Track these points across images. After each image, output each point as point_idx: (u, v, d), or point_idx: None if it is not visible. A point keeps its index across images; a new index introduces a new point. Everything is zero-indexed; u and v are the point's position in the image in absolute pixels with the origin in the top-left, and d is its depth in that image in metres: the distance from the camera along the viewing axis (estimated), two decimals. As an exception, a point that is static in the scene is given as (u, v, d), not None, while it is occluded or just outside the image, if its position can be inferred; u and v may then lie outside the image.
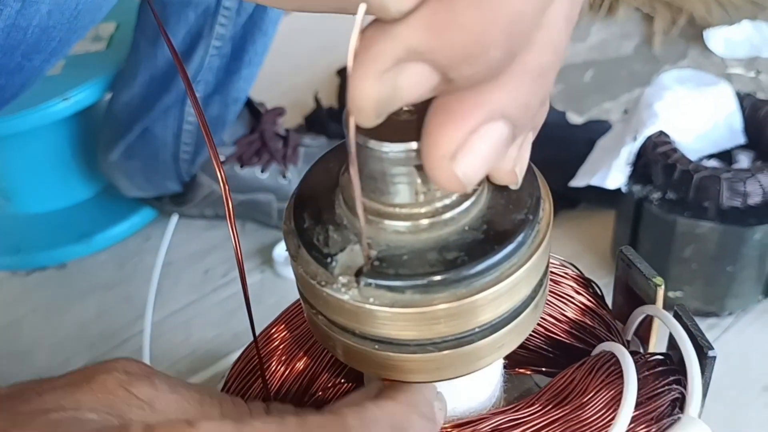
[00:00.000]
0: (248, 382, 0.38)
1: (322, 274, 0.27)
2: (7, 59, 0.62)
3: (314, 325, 0.30)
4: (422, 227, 0.27)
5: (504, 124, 0.22)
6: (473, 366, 0.28)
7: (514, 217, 0.27)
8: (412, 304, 0.26)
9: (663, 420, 0.34)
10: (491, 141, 0.23)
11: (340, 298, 0.26)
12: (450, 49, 0.20)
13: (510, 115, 0.22)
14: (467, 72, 0.20)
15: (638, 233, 0.82)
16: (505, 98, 0.22)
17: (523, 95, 0.22)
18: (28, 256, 1.01)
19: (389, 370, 0.28)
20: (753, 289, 0.82)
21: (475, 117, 0.22)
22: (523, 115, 0.23)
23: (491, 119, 0.22)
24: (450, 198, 0.27)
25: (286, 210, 0.29)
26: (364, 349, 0.28)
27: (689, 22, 1.37)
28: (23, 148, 0.98)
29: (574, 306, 0.39)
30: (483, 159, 0.23)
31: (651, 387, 0.35)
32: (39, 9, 0.60)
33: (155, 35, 0.87)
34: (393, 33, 0.20)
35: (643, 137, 0.80)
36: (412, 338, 0.27)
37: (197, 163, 0.97)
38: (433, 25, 0.19)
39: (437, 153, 0.22)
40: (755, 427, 0.75)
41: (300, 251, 0.28)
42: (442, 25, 0.19)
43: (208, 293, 0.96)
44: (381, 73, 0.20)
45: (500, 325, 0.28)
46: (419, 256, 0.26)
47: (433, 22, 0.19)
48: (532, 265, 0.27)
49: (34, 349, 0.90)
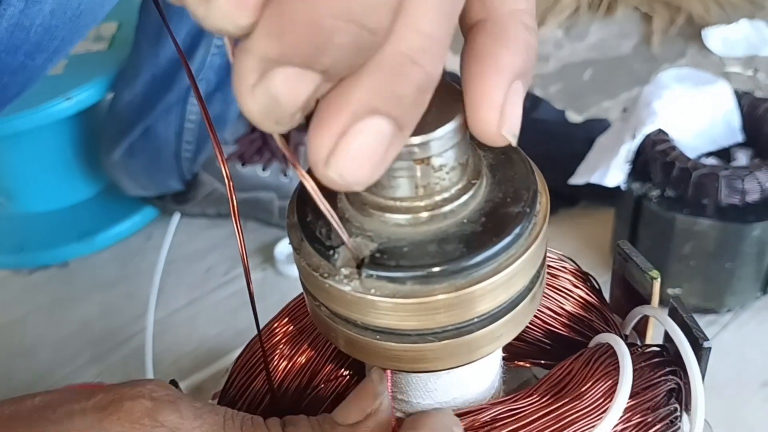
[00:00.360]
0: (252, 375, 0.39)
1: (325, 266, 0.28)
2: (10, 58, 0.62)
3: (317, 316, 0.31)
4: (422, 220, 0.27)
5: (380, 119, 0.22)
6: (473, 355, 0.29)
7: (512, 210, 0.28)
8: (413, 294, 0.26)
9: (659, 410, 0.35)
10: (368, 139, 0.22)
11: (342, 289, 0.27)
12: (296, 47, 0.20)
13: (381, 109, 0.22)
14: (328, 62, 0.20)
15: (637, 230, 0.83)
16: (368, 93, 0.22)
17: (389, 86, 0.22)
18: (30, 254, 1.01)
19: (390, 360, 0.29)
20: (751, 285, 0.83)
21: (340, 119, 0.22)
22: (397, 106, 0.22)
23: (359, 117, 0.22)
24: (449, 192, 0.28)
25: (289, 204, 0.30)
26: (366, 340, 0.29)
27: (687, 22, 1.38)
28: (26, 147, 0.99)
29: (573, 299, 0.40)
30: (362, 158, 0.22)
31: (647, 378, 0.35)
32: (42, 8, 0.60)
33: (157, 35, 0.88)
34: (246, 49, 0.20)
35: (642, 135, 0.81)
36: (413, 328, 0.28)
37: (199, 161, 0.97)
38: (271, 31, 0.19)
39: (311, 158, 0.22)
40: (754, 423, 0.76)
41: (303, 244, 0.29)
42: (279, 29, 0.19)
43: (210, 291, 0.96)
44: (251, 88, 0.20)
45: (498, 315, 0.28)
46: (419, 248, 0.27)
47: (270, 28, 0.19)
48: (529, 256, 0.28)
49: (37, 347, 0.91)
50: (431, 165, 0.26)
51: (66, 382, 0.86)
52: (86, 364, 0.88)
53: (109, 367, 0.88)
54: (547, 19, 1.41)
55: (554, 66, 1.33)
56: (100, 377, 0.87)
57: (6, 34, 0.59)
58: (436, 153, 0.26)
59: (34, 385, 0.86)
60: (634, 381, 0.35)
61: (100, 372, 0.87)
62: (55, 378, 0.87)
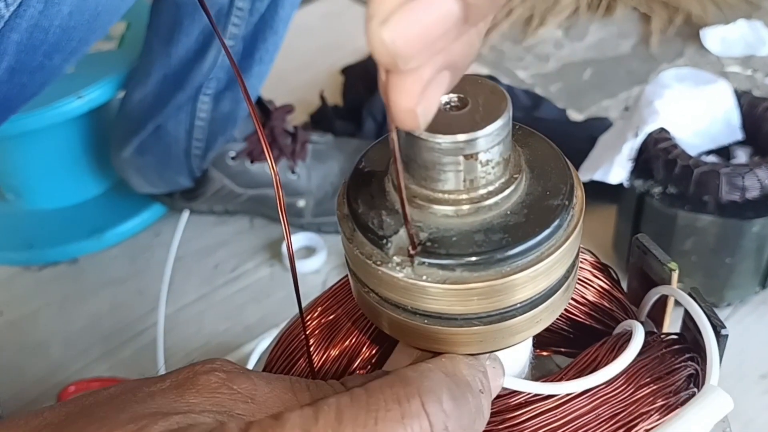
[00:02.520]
0: (289, 364, 0.40)
1: (377, 255, 0.29)
2: (30, 58, 0.63)
3: (364, 302, 0.32)
4: (469, 211, 0.29)
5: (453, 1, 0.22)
6: (513, 339, 0.31)
7: (552, 203, 0.30)
8: (462, 280, 0.28)
9: (680, 393, 0.36)
10: (433, 13, 0.21)
11: (395, 276, 0.29)
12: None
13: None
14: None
15: (639, 227, 0.84)
16: None
17: None
18: (40, 251, 1.02)
19: (436, 343, 0.31)
20: (751, 280, 0.85)
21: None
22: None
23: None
24: (493, 185, 0.29)
25: (338, 197, 0.32)
26: (414, 324, 0.30)
27: (686, 22, 1.39)
28: (37, 145, 1.00)
29: (593, 289, 0.42)
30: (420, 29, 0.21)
31: (668, 363, 0.37)
32: (61, 10, 0.61)
33: (168, 35, 0.89)
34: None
35: (644, 134, 0.82)
36: (460, 313, 0.29)
37: (208, 159, 0.99)
38: None
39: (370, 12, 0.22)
40: (753, 414, 0.78)
41: (355, 234, 0.30)
42: None
43: (219, 287, 0.98)
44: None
45: (538, 301, 0.30)
46: (467, 237, 0.29)
47: None
48: (568, 247, 0.30)
49: (48, 343, 0.92)
50: (479, 160, 0.28)
51: (78, 376, 0.87)
52: (97, 359, 0.89)
53: (120, 362, 0.89)
54: (546, 19, 1.42)
55: (554, 65, 1.35)
56: (111, 371, 0.88)
57: (25, 34, 0.60)
58: (483, 149, 0.28)
59: (46, 380, 0.87)
60: (656, 366, 0.37)
61: (111, 366, 0.88)
62: (67, 373, 0.88)
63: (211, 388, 0.28)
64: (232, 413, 0.28)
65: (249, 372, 0.30)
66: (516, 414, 0.35)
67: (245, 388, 0.29)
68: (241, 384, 0.29)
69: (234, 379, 0.29)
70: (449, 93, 0.29)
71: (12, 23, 0.57)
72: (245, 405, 0.28)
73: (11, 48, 0.59)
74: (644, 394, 0.36)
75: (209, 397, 0.28)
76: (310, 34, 1.39)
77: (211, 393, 0.28)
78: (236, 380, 0.29)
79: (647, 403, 0.35)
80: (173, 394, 0.28)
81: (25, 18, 0.59)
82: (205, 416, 0.27)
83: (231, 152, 0.99)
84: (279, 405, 0.29)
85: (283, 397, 0.30)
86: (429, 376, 0.28)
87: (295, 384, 0.30)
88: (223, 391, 0.28)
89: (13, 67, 0.60)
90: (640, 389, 0.36)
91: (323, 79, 1.32)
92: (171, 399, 0.28)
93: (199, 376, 0.29)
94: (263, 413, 0.28)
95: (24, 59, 0.62)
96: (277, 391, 0.30)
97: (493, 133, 0.28)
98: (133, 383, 0.29)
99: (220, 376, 0.29)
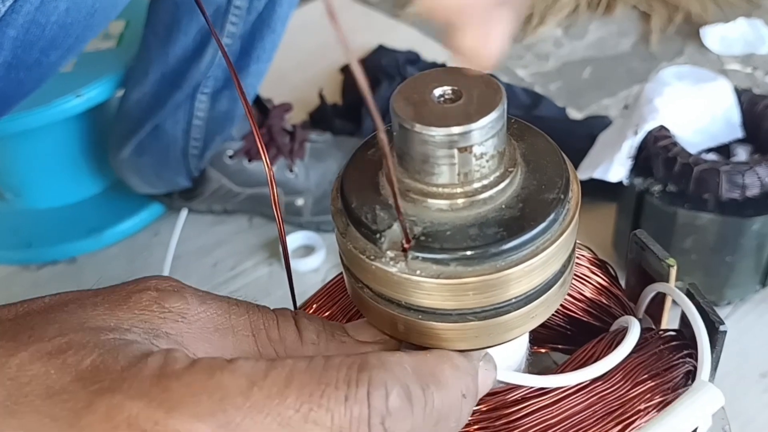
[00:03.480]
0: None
1: (371, 249, 0.29)
2: (26, 54, 0.63)
3: (358, 298, 0.32)
4: (463, 205, 0.29)
5: None
6: (508, 335, 0.31)
7: (547, 197, 0.30)
8: (456, 275, 0.28)
9: (678, 390, 0.36)
10: None
11: (389, 270, 0.29)
12: None
13: None
14: None
15: (639, 225, 0.84)
16: None
17: None
18: (39, 250, 1.02)
19: (430, 339, 0.30)
20: (751, 278, 0.84)
21: None
22: None
23: None
24: (488, 179, 0.29)
25: (332, 192, 0.32)
26: (408, 319, 0.30)
27: (685, 20, 1.39)
28: (35, 144, 1.00)
29: (591, 285, 0.42)
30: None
31: (666, 359, 0.37)
32: (57, 6, 0.61)
33: (166, 34, 0.88)
34: None
35: (644, 131, 0.82)
36: (454, 308, 0.29)
37: (206, 158, 0.98)
38: None
39: None
40: (753, 413, 0.77)
41: (349, 228, 0.30)
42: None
43: (217, 286, 0.97)
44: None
45: (533, 297, 0.30)
46: (461, 231, 0.28)
47: None
48: (563, 241, 0.30)
49: (47, 342, 0.91)
50: (473, 153, 0.28)
51: (76, 375, 0.87)
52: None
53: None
54: (546, 18, 1.42)
55: (554, 64, 1.35)
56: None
57: (22, 30, 0.60)
58: (477, 142, 0.28)
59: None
60: (653, 363, 0.37)
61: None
62: (66, 372, 0.88)
63: (142, 305, 0.29)
64: (159, 331, 0.28)
65: (185, 290, 0.30)
66: (512, 410, 0.34)
67: (177, 306, 0.29)
68: (174, 303, 0.29)
69: (166, 297, 0.29)
70: (443, 86, 0.29)
71: (8, 18, 0.57)
72: (174, 324, 0.29)
73: (7, 43, 0.59)
74: (641, 390, 0.35)
75: (138, 314, 0.28)
76: (309, 33, 1.39)
77: (141, 311, 0.29)
78: (168, 299, 0.29)
79: (644, 399, 0.35)
80: (104, 309, 0.28)
81: (21, 13, 0.59)
82: (133, 333, 0.27)
83: (229, 151, 0.99)
84: (209, 325, 0.30)
85: (216, 319, 0.30)
86: (390, 368, 0.27)
87: (233, 307, 0.31)
88: (153, 309, 0.29)
89: (10, 62, 0.60)
90: (638, 386, 0.35)
91: (322, 78, 1.31)
92: (101, 314, 0.28)
93: (132, 294, 0.29)
94: (193, 333, 0.29)
95: (20, 55, 0.62)
96: (210, 311, 0.30)
97: (487, 125, 0.28)
98: (68, 295, 0.30)
99: (152, 294, 0.29)
